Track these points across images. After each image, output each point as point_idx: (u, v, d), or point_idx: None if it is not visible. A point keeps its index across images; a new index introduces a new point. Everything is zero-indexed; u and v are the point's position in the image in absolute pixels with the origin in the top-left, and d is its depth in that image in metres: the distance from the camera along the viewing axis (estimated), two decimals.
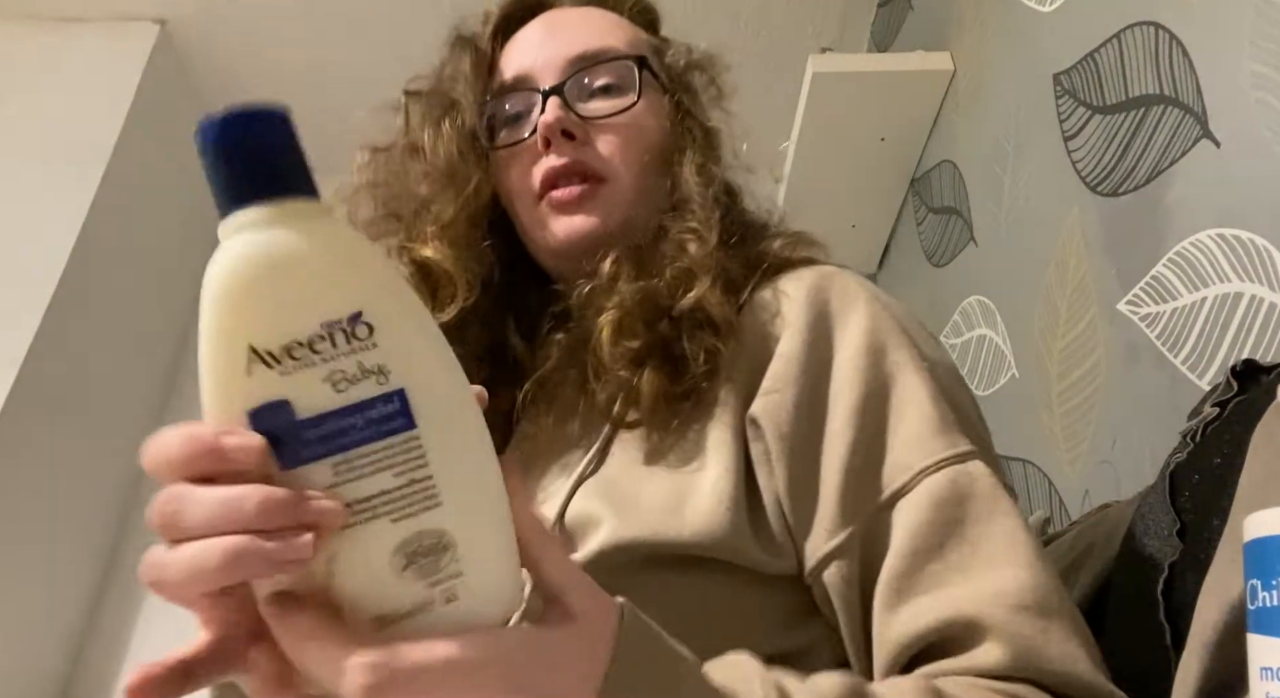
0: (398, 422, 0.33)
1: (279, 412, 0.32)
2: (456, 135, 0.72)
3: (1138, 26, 1.10)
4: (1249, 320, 0.89)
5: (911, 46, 1.83)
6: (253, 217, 0.33)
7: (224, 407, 0.32)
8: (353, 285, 0.33)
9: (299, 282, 0.32)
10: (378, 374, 0.32)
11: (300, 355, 0.32)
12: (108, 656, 1.82)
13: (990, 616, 0.46)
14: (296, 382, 0.32)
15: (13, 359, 1.65)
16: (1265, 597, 0.29)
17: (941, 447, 0.53)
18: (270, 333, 0.32)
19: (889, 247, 2.01)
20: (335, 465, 0.32)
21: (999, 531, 0.50)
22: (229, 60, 2.12)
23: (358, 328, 0.32)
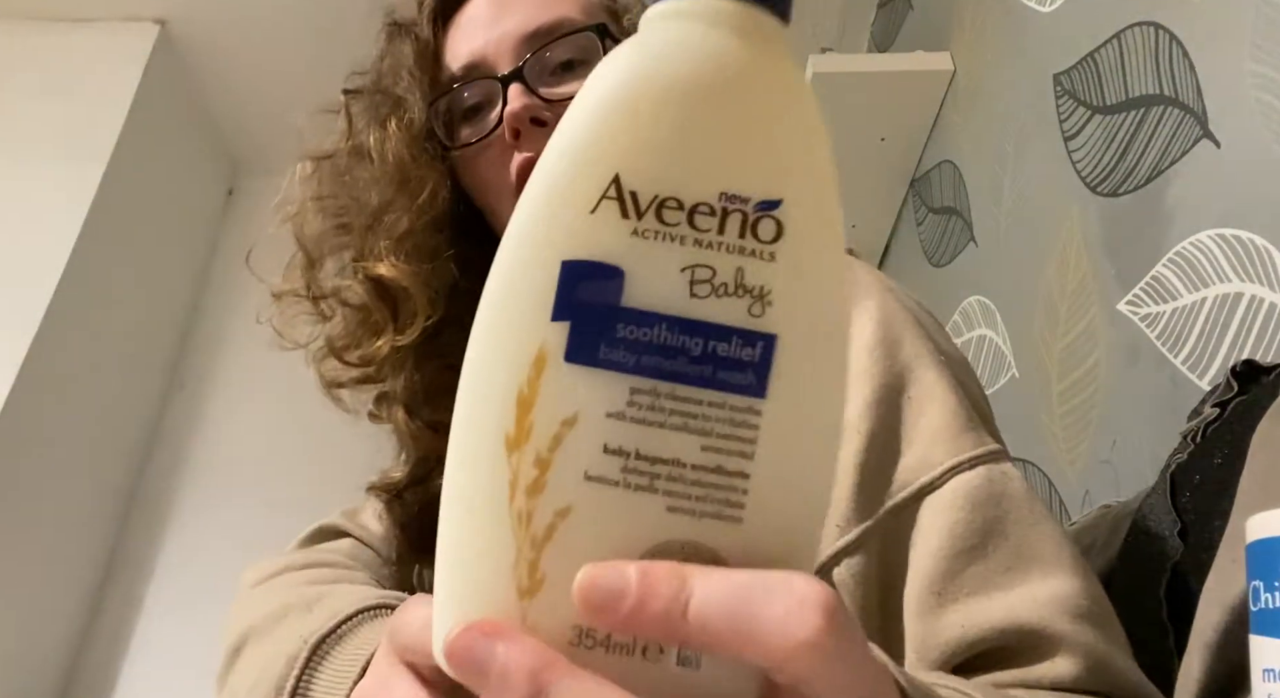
0: (747, 378, 0.24)
1: (604, 281, 0.23)
2: (405, 135, 0.66)
3: (1138, 26, 1.10)
4: (1249, 320, 0.89)
5: (911, 46, 1.83)
6: (719, 12, 0.24)
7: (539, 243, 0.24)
8: (788, 163, 0.24)
9: (727, 121, 0.24)
10: (756, 298, 0.24)
11: (671, 220, 0.23)
12: (108, 656, 1.82)
13: (1053, 624, 0.43)
14: (647, 252, 0.23)
15: (13, 359, 1.65)
16: (1268, 598, 0.29)
17: (971, 444, 0.50)
18: (649, 171, 0.23)
19: (889, 247, 2.01)
20: (634, 391, 0.23)
21: (1044, 533, 0.47)
22: (229, 60, 2.12)
23: (763, 222, 0.23)
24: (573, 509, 0.24)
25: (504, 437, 0.24)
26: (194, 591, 1.86)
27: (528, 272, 0.24)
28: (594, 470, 0.24)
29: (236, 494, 1.96)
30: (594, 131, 0.24)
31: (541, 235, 0.24)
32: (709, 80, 0.24)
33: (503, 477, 0.24)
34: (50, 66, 1.97)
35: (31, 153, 1.87)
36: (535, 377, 0.24)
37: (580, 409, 0.23)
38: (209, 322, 2.20)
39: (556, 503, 0.24)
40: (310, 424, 2.00)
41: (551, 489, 0.23)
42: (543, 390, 0.24)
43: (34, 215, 1.80)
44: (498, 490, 0.24)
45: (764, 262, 0.24)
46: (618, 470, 0.23)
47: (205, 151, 2.28)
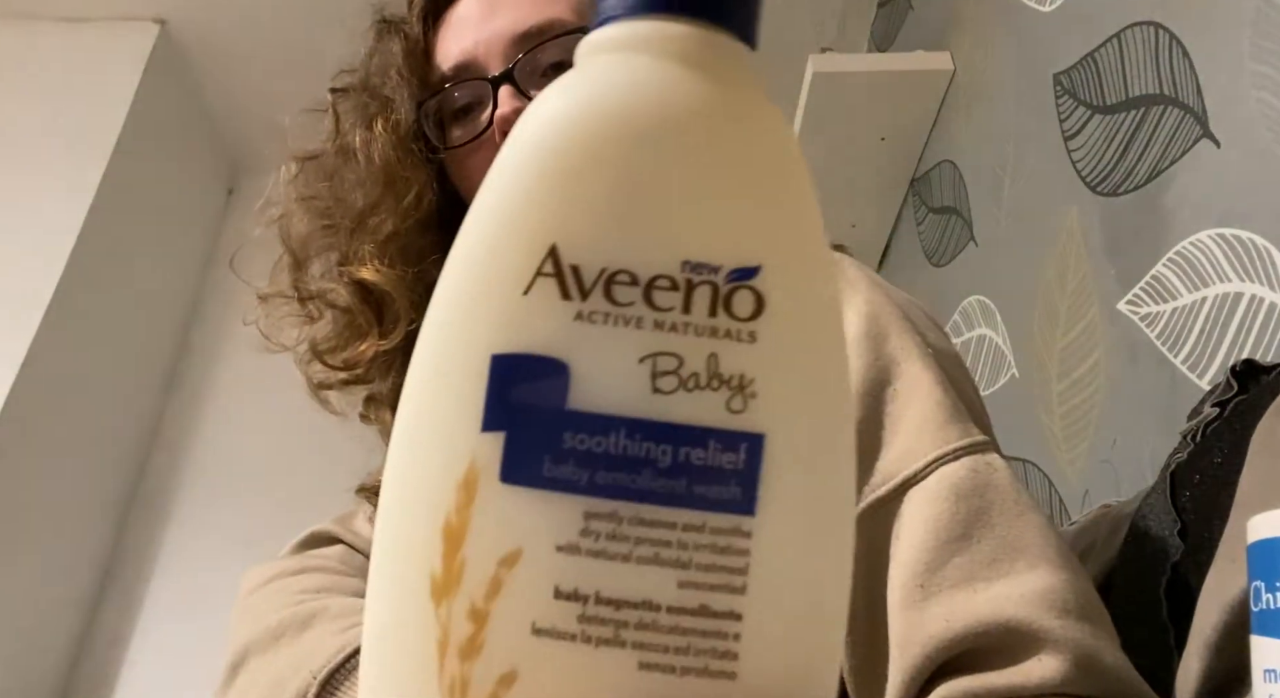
0: (730, 491, 0.19)
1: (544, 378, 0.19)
2: (392, 136, 0.64)
3: (1138, 26, 1.10)
4: (1249, 320, 0.89)
5: (911, 46, 1.83)
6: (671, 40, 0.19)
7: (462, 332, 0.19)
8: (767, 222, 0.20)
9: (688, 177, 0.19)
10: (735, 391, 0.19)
11: (623, 298, 0.19)
12: (108, 656, 1.82)
13: (1040, 620, 0.41)
14: (596, 341, 0.19)
15: (13, 359, 1.65)
16: (1269, 599, 0.29)
17: (956, 435, 0.48)
18: (595, 240, 0.19)
19: (889, 247, 2.01)
20: (589, 516, 0.18)
21: (1030, 524, 0.45)
22: (229, 60, 2.11)
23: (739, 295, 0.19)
24: (519, 675, 0.18)
25: (429, 582, 0.19)
26: (194, 591, 1.86)
27: (451, 370, 0.19)
28: (544, 622, 0.18)
29: (236, 494, 1.96)
30: (523, 194, 0.19)
31: (466, 324, 0.19)
32: (661, 123, 0.19)
33: (430, 635, 0.19)
34: (50, 66, 1.97)
35: (31, 153, 1.87)
36: (465, 503, 0.19)
37: (523, 543, 0.18)
38: (208, 322, 2.20)
39: (498, 667, 0.18)
40: (309, 424, 2.00)
41: (491, 649, 0.18)
42: (474, 520, 0.19)
43: (34, 215, 1.81)
44: (424, 653, 0.19)
45: (742, 344, 0.19)
46: (574, 621, 0.18)
47: (205, 151, 2.27)
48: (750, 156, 0.20)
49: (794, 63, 1.74)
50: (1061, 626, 0.41)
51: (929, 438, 0.48)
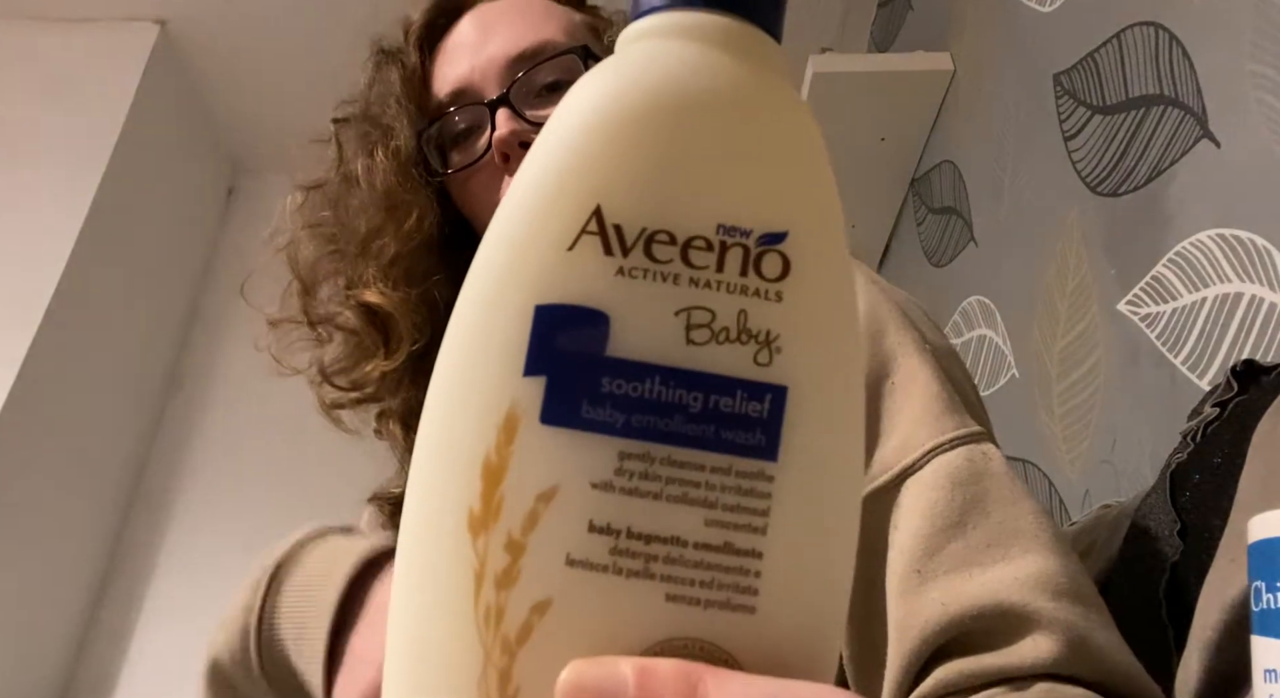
0: (755, 437, 0.20)
1: (585, 328, 0.20)
2: (393, 163, 0.67)
3: (1138, 26, 1.10)
4: (1249, 320, 0.89)
5: (911, 46, 1.84)
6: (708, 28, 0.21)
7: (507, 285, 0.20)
8: (792, 192, 0.21)
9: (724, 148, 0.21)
10: (762, 345, 0.20)
11: (662, 256, 0.20)
12: (108, 656, 1.82)
13: (1034, 602, 0.42)
14: (635, 293, 0.20)
15: (13, 359, 1.65)
16: (1269, 599, 0.29)
17: (953, 426, 0.49)
18: (635, 201, 0.20)
19: (889, 247, 2.01)
20: (623, 456, 0.20)
21: (1024, 511, 0.46)
22: (229, 60, 2.12)
23: (768, 257, 0.20)
24: (553, 603, 0.19)
25: (468, 516, 0.20)
26: (194, 591, 1.86)
27: (495, 319, 0.20)
28: (578, 554, 0.19)
29: (236, 494, 1.96)
30: (570, 159, 0.21)
31: (511, 277, 0.20)
32: (699, 99, 0.21)
33: (466, 565, 0.19)
34: (50, 66, 1.97)
35: (31, 153, 1.87)
36: (505, 442, 0.20)
37: (560, 480, 0.20)
38: (209, 322, 2.20)
39: (533, 596, 0.19)
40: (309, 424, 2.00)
41: (527, 579, 0.19)
42: (514, 459, 0.20)
43: (34, 215, 1.81)
44: (460, 583, 0.20)
45: (770, 303, 0.20)
46: (606, 553, 0.19)
47: (205, 151, 2.27)
48: (779, 134, 0.21)
49: (794, 63, 1.74)
50: (1055, 607, 0.42)
51: (925, 429, 0.49)
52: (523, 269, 0.20)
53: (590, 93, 0.22)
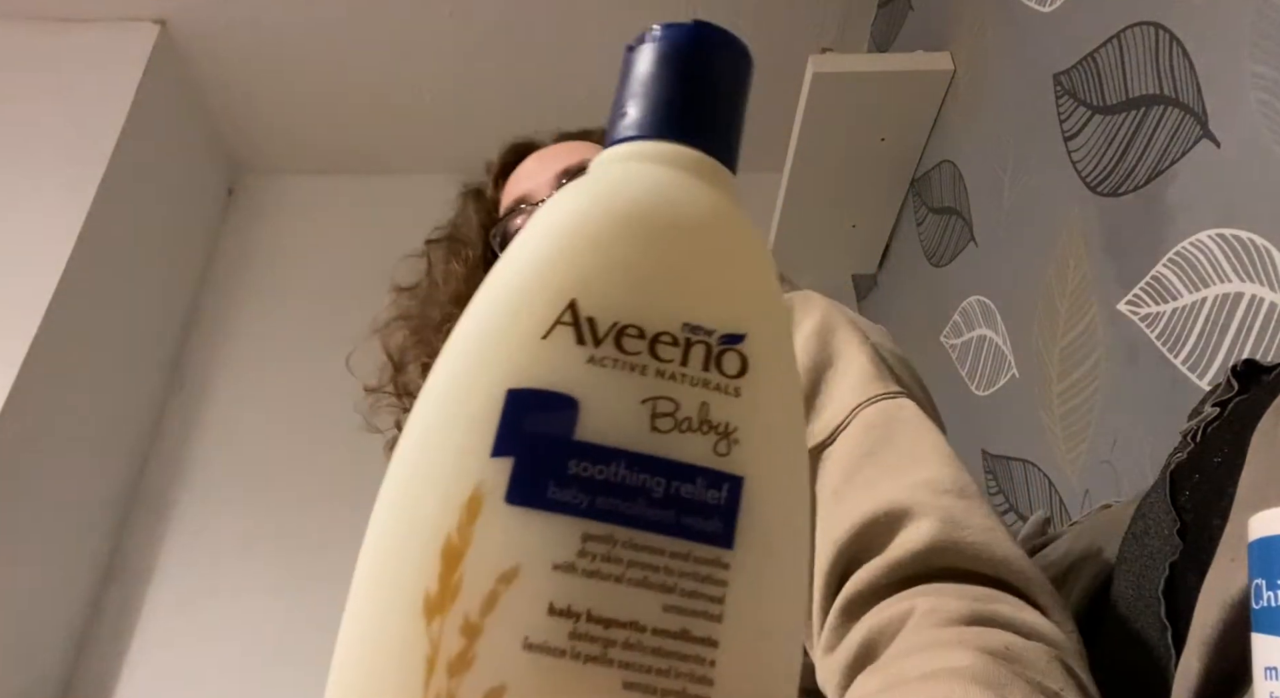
0: (714, 525, 0.20)
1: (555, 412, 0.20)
2: (464, 267, 0.86)
3: (1138, 26, 1.10)
4: (1249, 320, 0.89)
5: (911, 46, 1.84)
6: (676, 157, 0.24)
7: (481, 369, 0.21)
8: (751, 302, 0.23)
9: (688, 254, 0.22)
10: (722, 436, 0.21)
11: (631, 348, 0.21)
12: (108, 656, 1.82)
13: (915, 498, 0.50)
14: (605, 382, 0.21)
15: (13, 359, 1.65)
16: (1270, 597, 0.29)
17: (876, 388, 0.58)
18: (608, 298, 0.21)
19: (889, 247, 2.01)
20: (586, 537, 0.20)
21: (924, 440, 0.55)
22: (229, 60, 2.12)
23: (729, 355, 0.22)
24: (507, 689, 0.19)
25: (423, 598, 0.19)
26: (194, 591, 1.86)
27: (467, 401, 0.21)
28: (536, 638, 0.19)
29: (236, 494, 1.96)
30: (549, 256, 0.22)
31: (485, 362, 0.21)
32: (668, 213, 0.23)
33: (419, 649, 0.19)
34: (50, 66, 1.97)
35: (31, 153, 1.87)
36: (468, 522, 0.20)
37: (522, 560, 0.19)
38: (209, 322, 2.20)
39: (487, 682, 0.19)
40: (310, 425, 2.00)
41: (482, 663, 0.19)
42: (476, 538, 0.19)
43: (34, 215, 1.80)
44: (411, 668, 0.19)
45: (729, 397, 0.21)
46: (565, 637, 0.19)
47: (205, 151, 2.27)
48: (735, 249, 0.24)
49: (794, 63, 1.74)
50: (933, 498, 0.50)
51: (854, 395, 0.59)
52: (497, 355, 0.21)
53: (570, 202, 0.23)
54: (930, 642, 0.43)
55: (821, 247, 1.99)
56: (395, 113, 2.23)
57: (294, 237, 2.30)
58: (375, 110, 2.22)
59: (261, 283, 2.24)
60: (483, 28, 2.05)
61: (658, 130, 0.24)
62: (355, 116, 2.24)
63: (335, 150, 2.32)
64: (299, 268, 2.24)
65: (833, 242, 1.99)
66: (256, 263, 2.28)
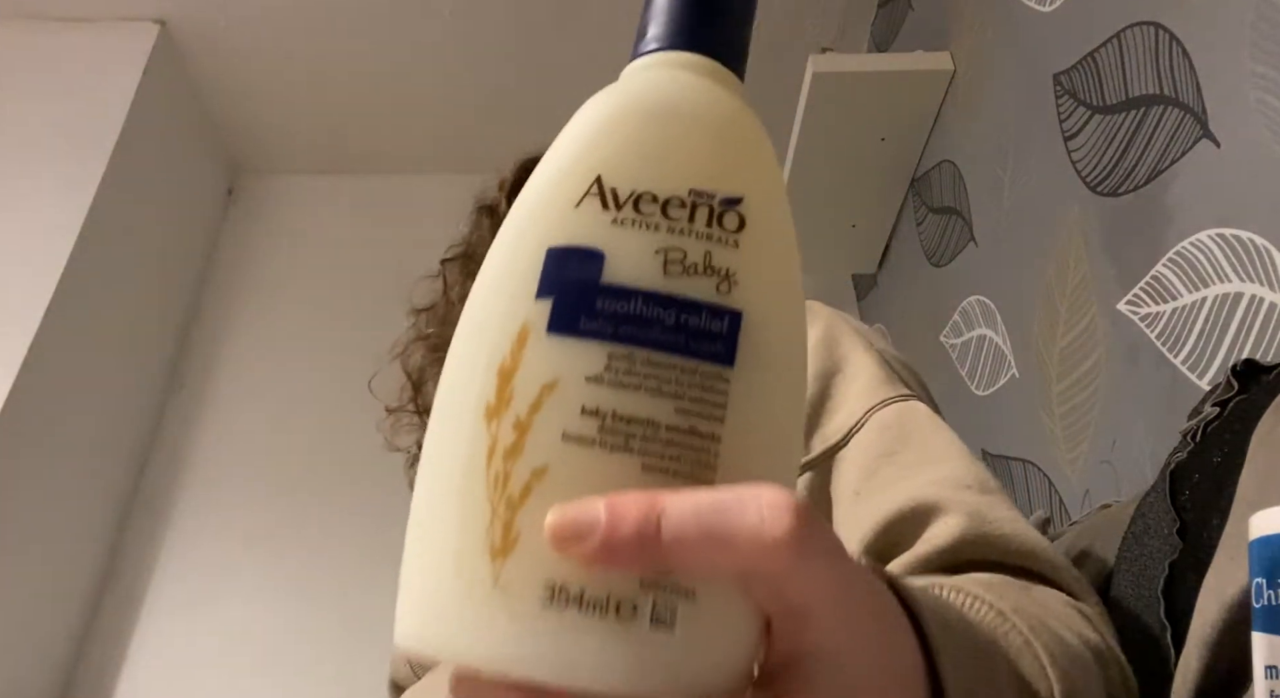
0: (716, 347, 0.25)
1: (585, 262, 0.25)
2: None
3: (1138, 26, 1.10)
4: (1249, 320, 0.89)
5: (911, 46, 1.84)
6: (687, 61, 0.28)
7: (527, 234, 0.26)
8: (747, 171, 0.27)
9: (694, 135, 0.27)
10: (723, 278, 0.26)
11: (647, 211, 0.26)
12: (108, 656, 1.82)
13: (940, 494, 0.51)
14: (625, 238, 0.26)
15: (13, 360, 1.65)
16: (1270, 595, 0.29)
17: (887, 391, 0.60)
18: (627, 172, 0.26)
19: (889, 247, 2.01)
20: (611, 356, 0.25)
21: (939, 439, 0.57)
22: (229, 60, 2.12)
23: (729, 214, 0.26)
24: (549, 469, 0.24)
25: (484, 406, 0.25)
26: (194, 591, 1.86)
27: (516, 258, 0.26)
28: (572, 430, 0.24)
29: (236, 494, 1.96)
30: (580, 144, 0.27)
31: (530, 228, 0.27)
32: (677, 104, 0.28)
33: (481, 443, 0.24)
34: (50, 66, 1.96)
35: (31, 153, 1.86)
36: (518, 348, 0.25)
37: (560, 374, 0.25)
38: (209, 322, 2.20)
39: (534, 463, 0.24)
40: (309, 424, 2.00)
41: (529, 451, 0.24)
42: (524, 360, 0.25)
43: (34, 215, 1.80)
44: (475, 456, 0.24)
45: (729, 248, 0.26)
46: (595, 430, 0.24)
47: (205, 151, 2.27)
48: (735, 131, 0.28)
49: (794, 63, 1.74)
50: (956, 493, 0.51)
51: (866, 398, 0.60)
52: (539, 222, 0.27)
53: (598, 102, 0.28)
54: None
55: (821, 247, 1.99)
56: (395, 113, 2.23)
57: (294, 237, 2.30)
58: (375, 110, 2.22)
59: (261, 283, 2.24)
60: (483, 27, 2.05)
61: (670, 42, 0.29)
62: (355, 116, 2.24)
63: (335, 150, 2.32)
64: (299, 268, 2.24)
65: (833, 242, 1.99)
66: (256, 263, 2.28)
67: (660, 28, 0.29)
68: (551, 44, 2.07)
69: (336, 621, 1.76)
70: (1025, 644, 0.39)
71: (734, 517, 0.23)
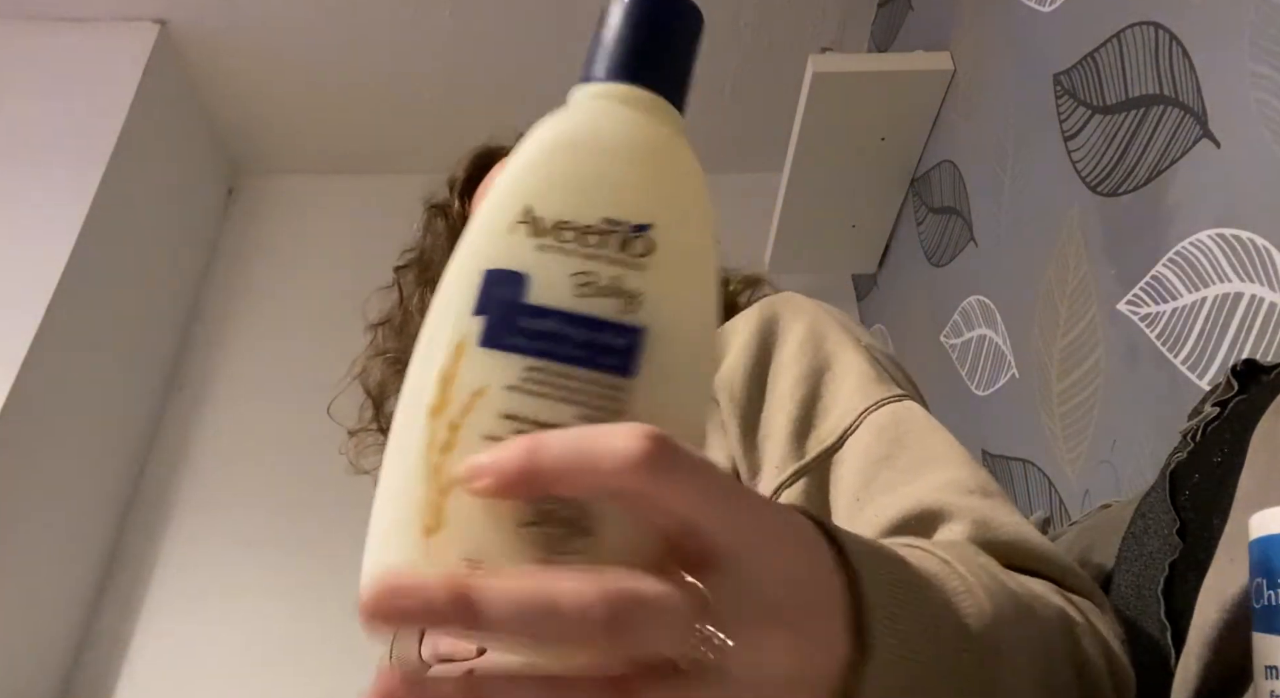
0: (616, 360, 0.29)
1: (511, 282, 0.29)
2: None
3: (1138, 26, 1.10)
4: (1249, 320, 0.89)
5: (911, 46, 1.84)
6: (622, 94, 0.31)
7: (471, 256, 0.31)
8: (659, 199, 0.30)
9: (609, 166, 0.30)
10: (628, 298, 0.29)
11: (565, 238, 0.29)
12: (108, 656, 1.82)
13: (944, 500, 0.52)
14: (547, 262, 0.29)
15: (13, 359, 1.65)
16: (1270, 596, 0.29)
17: (881, 391, 0.60)
18: (553, 202, 0.30)
19: (889, 247, 2.01)
20: (528, 368, 0.29)
21: (937, 441, 0.57)
22: (229, 60, 2.12)
23: (637, 240, 0.29)
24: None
25: (429, 407, 0.29)
26: (194, 591, 1.86)
27: (460, 277, 0.30)
28: (492, 432, 0.28)
29: (236, 494, 1.96)
30: (516, 173, 0.31)
31: (474, 249, 0.31)
32: (605, 137, 0.31)
33: (424, 438, 0.29)
34: (50, 66, 1.96)
35: (31, 152, 1.86)
36: (456, 358, 0.29)
37: (487, 383, 0.29)
38: (209, 322, 2.20)
39: (465, 457, 0.28)
40: (310, 424, 2.00)
41: (459, 448, 0.28)
42: (460, 369, 0.29)
43: (34, 215, 1.80)
44: (419, 449, 0.29)
45: (638, 271, 0.29)
46: (510, 432, 0.28)
47: (205, 151, 2.27)
48: (657, 161, 0.31)
49: (794, 63, 1.74)
50: (959, 499, 0.52)
51: (859, 398, 0.60)
52: (480, 247, 0.30)
53: (538, 132, 0.32)
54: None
55: (821, 247, 1.99)
56: (395, 113, 2.23)
57: (294, 237, 2.29)
58: (375, 110, 2.22)
59: (261, 283, 2.24)
60: (483, 27, 2.05)
61: (609, 74, 0.32)
62: (355, 116, 2.24)
63: (335, 150, 2.32)
64: (299, 268, 2.24)
65: (833, 242, 1.99)
66: (256, 263, 2.27)
67: (602, 60, 0.32)
68: (551, 44, 2.07)
69: (336, 621, 1.76)
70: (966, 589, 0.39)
71: (601, 444, 0.26)
